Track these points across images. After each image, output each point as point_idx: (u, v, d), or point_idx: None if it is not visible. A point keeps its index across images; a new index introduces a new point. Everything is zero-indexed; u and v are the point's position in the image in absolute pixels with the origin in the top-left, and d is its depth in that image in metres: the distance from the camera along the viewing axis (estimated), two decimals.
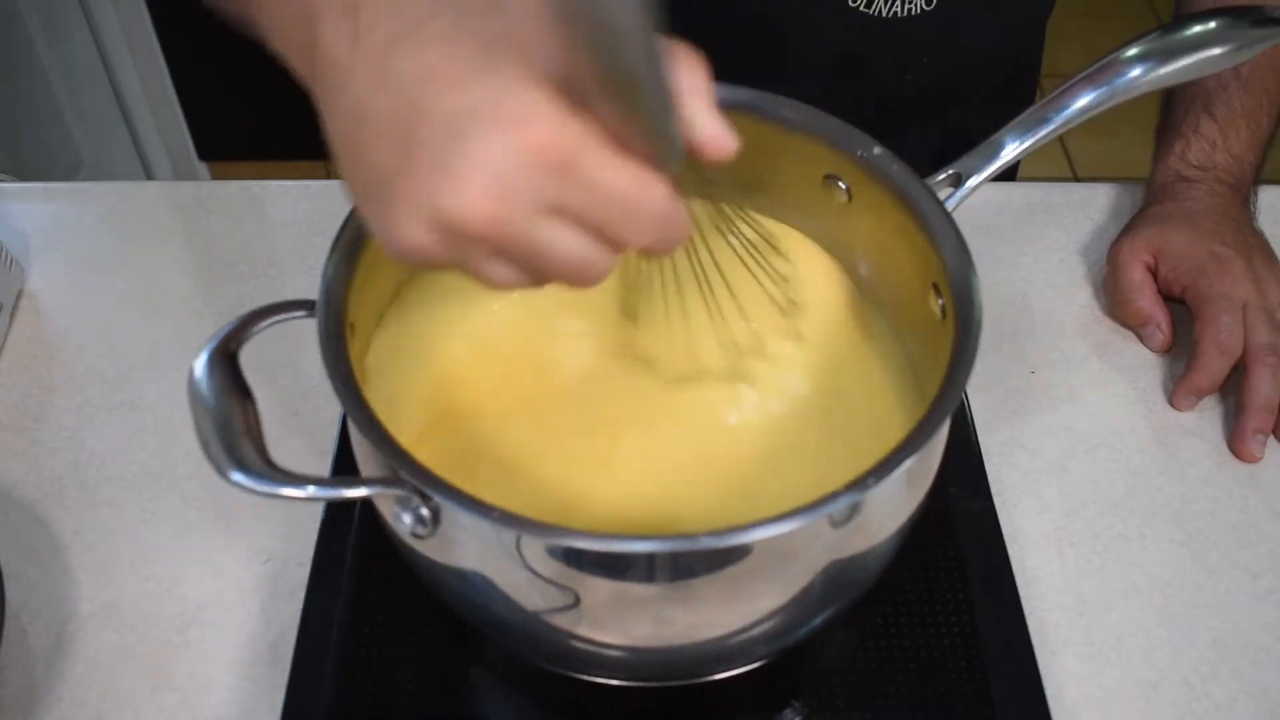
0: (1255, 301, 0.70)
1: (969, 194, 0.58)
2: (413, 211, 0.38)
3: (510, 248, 0.39)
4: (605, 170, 0.38)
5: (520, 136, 0.36)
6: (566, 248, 0.39)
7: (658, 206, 0.39)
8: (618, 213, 0.38)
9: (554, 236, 0.38)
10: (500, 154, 0.36)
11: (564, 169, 0.37)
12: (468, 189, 0.37)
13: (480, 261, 0.40)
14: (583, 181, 0.37)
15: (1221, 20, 0.62)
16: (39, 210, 0.83)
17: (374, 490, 0.45)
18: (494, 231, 0.38)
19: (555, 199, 0.37)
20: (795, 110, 0.57)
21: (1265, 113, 0.78)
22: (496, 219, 0.37)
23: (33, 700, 0.58)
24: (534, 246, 0.39)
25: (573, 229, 0.39)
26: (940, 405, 0.47)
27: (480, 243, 0.38)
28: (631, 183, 0.38)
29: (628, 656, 0.51)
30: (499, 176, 0.37)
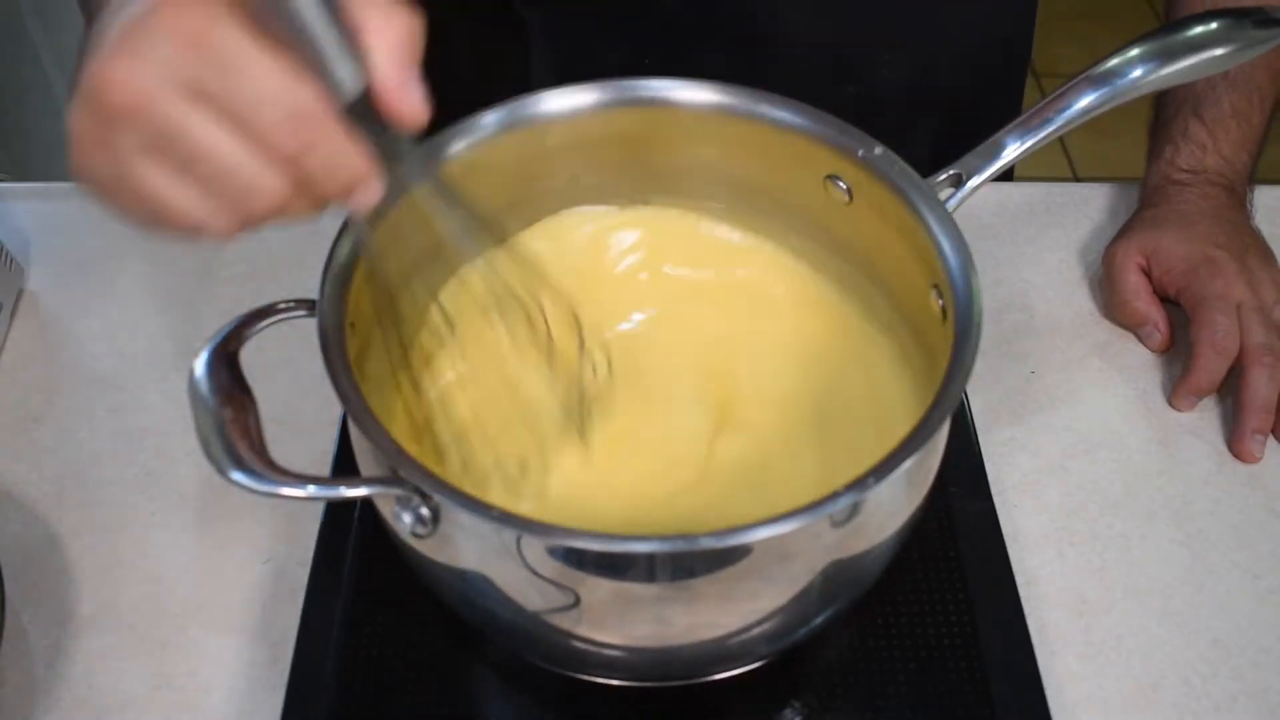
0: (1250, 301, 0.70)
1: (970, 194, 0.58)
2: (75, 101, 0.39)
3: (153, 129, 0.38)
4: (249, 60, 0.37)
5: (174, 21, 0.37)
6: (211, 137, 0.38)
7: (302, 106, 0.38)
8: (254, 97, 0.38)
9: (196, 121, 0.38)
10: (150, 34, 0.37)
11: (206, 50, 0.37)
12: (113, 63, 0.38)
13: (135, 160, 0.39)
14: (224, 65, 0.37)
15: (1223, 21, 0.62)
16: (39, 210, 0.83)
17: (374, 490, 0.45)
18: (133, 104, 0.37)
19: (194, 78, 0.37)
20: (795, 111, 0.57)
21: (1257, 110, 0.77)
22: (134, 89, 0.37)
23: (33, 700, 0.58)
24: (176, 128, 0.38)
25: (218, 120, 0.38)
26: (940, 405, 0.47)
27: (125, 122, 0.38)
28: (276, 78, 0.38)
29: (628, 656, 0.51)
30: (141, 51, 0.37)
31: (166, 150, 0.38)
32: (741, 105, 0.58)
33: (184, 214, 0.40)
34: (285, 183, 0.39)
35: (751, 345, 0.63)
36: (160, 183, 0.39)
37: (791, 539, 0.44)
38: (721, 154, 0.60)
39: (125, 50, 0.38)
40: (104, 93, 0.38)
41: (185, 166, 0.39)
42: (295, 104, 0.38)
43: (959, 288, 0.51)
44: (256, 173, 0.39)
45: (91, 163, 0.40)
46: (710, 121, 0.59)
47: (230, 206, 0.40)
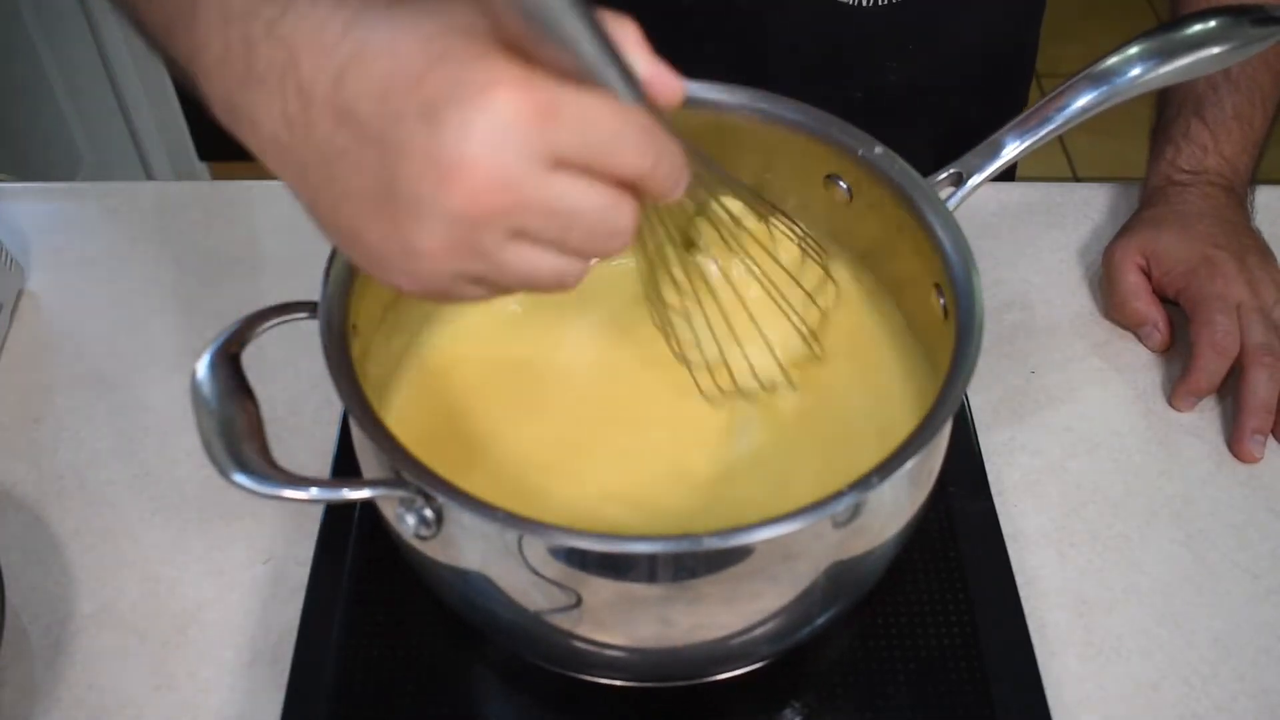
0: (1250, 302, 0.70)
1: (970, 193, 0.58)
2: (418, 223, 0.37)
3: (527, 217, 0.37)
4: (585, 102, 0.37)
5: (495, 101, 0.35)
6: (581, 200, 0.38)
7: (643, 125, 0.38)
8: (612, 139, 0.37)
9: (566, 189, 0.37)
10: (484, 124, 0.35)
11: (548, 114, 0.36)
12: (466, 171, 0.36)
13: (502, 250, 0.38)
14: (571, 119, 0.36)
15: (1222, 19, 0.62)
16: (39, 210, 0.83)
17: (377, 492, 0.45)
18: (507, 202, 0.36)
19: (552, 144, 0.36)
20: (796, 110, 0.57)
21: (1259, 111, 0.77)
22: (506, 186, 0.36)
23: (33, 700, 0.58)
24: (550, 205, 0.37)
25: (582, 178, 0.37)
26: (942, 405, 0.47)
27: (496, 222, 0.37)
28: (611, 109, 0.37)
29: (629, 657, 0.51)
30: (492, 146, 0.35)
31: (537, 230, 0.38)
32: (742, 104, 0.58)
33: (549, 278, 0.40)
34: (636, 209, 0.39)
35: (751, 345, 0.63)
36: (529, 261, 0.39)
37: (794, 539, 0.44)
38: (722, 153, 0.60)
39: (478, 150, 0.35)
40: (473, 200, 0.36)
41: (559, 237, 0.38)
42: (638, 127, 0.38)
43: (960, 287, 0.51)
44: (622, 214, 0.39)
45: (448, 272, 0.38)
46: (710, 121, 0.59)
47: (593, 254, 0.40)
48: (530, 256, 0.39)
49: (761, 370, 0.58)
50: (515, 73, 0.36)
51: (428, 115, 0.36)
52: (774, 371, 0.58)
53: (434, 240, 0.37)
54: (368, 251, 0.40)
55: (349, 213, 0.39)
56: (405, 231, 0.37)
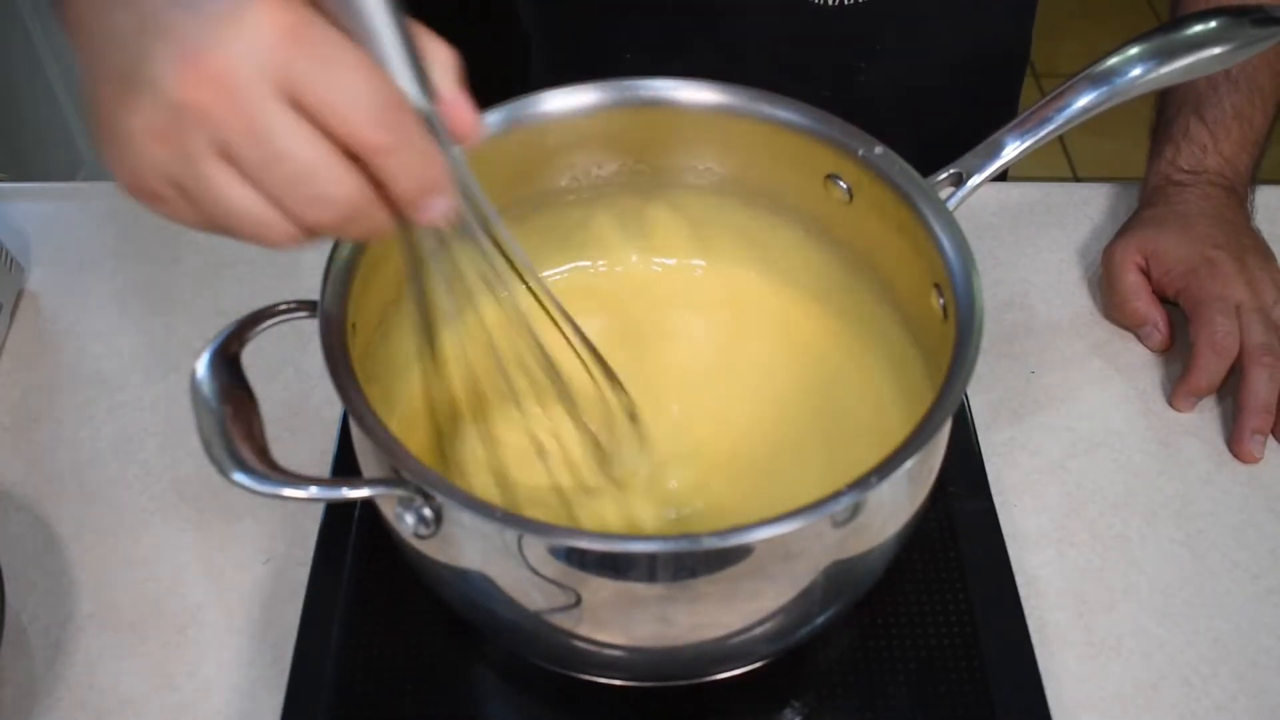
0: (1249, 302, 0.70)
1: (970, 193, 0.58)
2: (139, 96, 0.37)
3: (235, 133, 0.36)
4: (345, 54, 0.37)
5: (255, 7, 0.36)
6: (294, 140, 0.36)
7: (393, 101, 0.37)
8: (349, 94, 0.36)
9: (284, 122, 0.36)
10: (232, 24, 0.36)
11: (297, 39, 0.36)
12: (196, 61, 0.36)
13: (204, 160, 0.37)
14: (317, 55, 0.36)
15: (1222, 19, 0.62)
16: (39, 210, 0.83)
17: (376, 490, 0.45)
18: (219, 104, 0.36)
19: (288, 71, 0.36)
20: (796, 110, 0.57)
21: (1259, 111, 0.77)
22: (223, 87, 0.36)
23: (33, 700, 0.58)
24: (260, 130, 0.36)
25: (305, 124, 0.37)
26: (942, 404, 0.47)
27: (205, 122, 0.36)
28: (371, 73, 0.37)
29: (629, 656, 0.51)
30: (228, 45, 0.36)
31: (242, 151, 0.37)
32: (742, 105, 0.58)
33: (247, 219, 0.38)
34: (359, 189, 0.38)
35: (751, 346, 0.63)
36: (227, 186, 0.38)
37: (793, 539, 0.44)
38: (722, 154, 0.61)
39: (215, 44, 0.36)
40: (189, 88, 0.36)
41: (260, 169, 0.37)
42: (388, 100, 0.37)
43: (960, 287, 0.51)
44: (333, 179, 0.37)
45: (152, 163, 0.38)
46: (710, 121, 0.59)
47: (299, 213, 0.38)
48: (230, 184, 0.37)
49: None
50: (292, 7, 0.36)
51: (195, 6, 0.36)
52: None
53: (146, 119, 0.37)
54: (99, 127, 0.39)
55: (98, 91, 0.39)
56: (127, 105, 0.37)
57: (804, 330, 0.63)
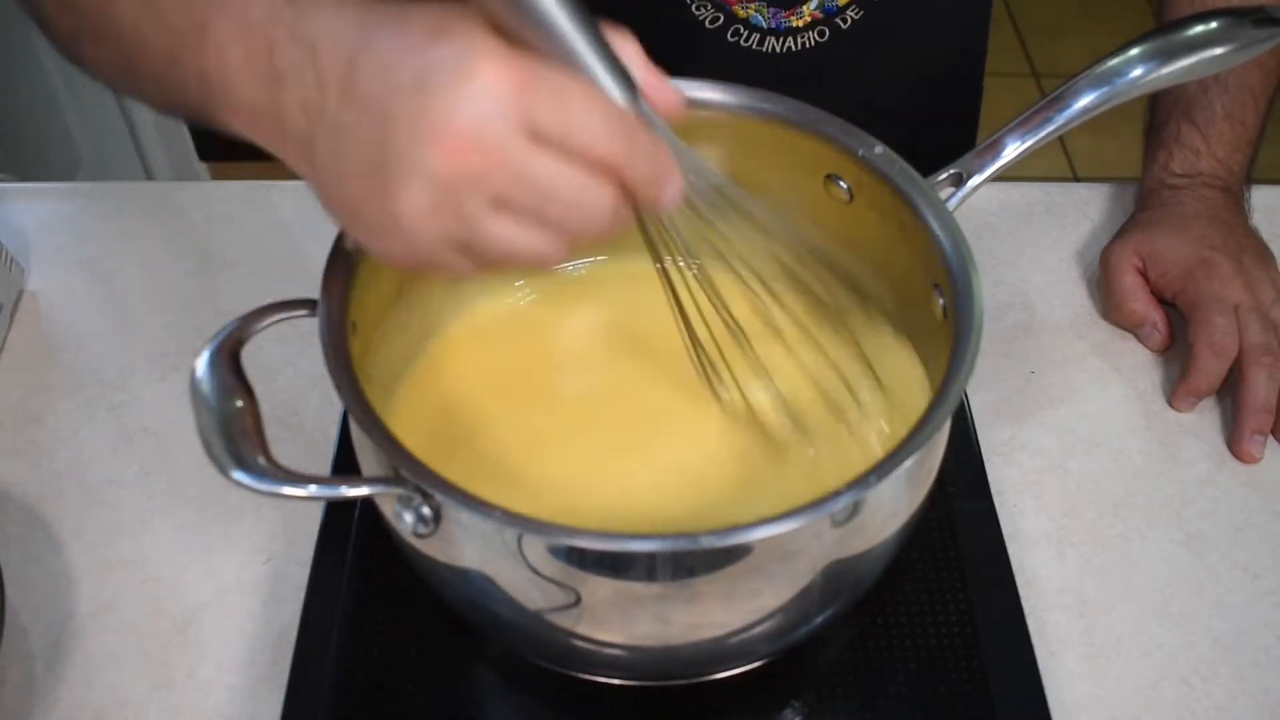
0: (1247, 302, 0.70)
1: (970, 194, 0.58)
2: (405, 184, 0.39)
3: (506, 184, 0.39)
4: (563, 83, 0.39)
5: (481, 71, 0.38)
6: (558, 175, 0.39)
7: (619, 116, 0.40)
8: (585, 118, 0.39)
9: (544, 161, 0.39)
10: (468, 92, 0.38)
11: (527, 87, 0.38)
12: (449, 134, 0.38)
13: (483, 217, 0.40)
14: (548, 94, 0.39)
15: (1224, 20, 0.62)
16: (39, 210, 0.83)
17: (376, 489, 0.45)
18: (486, 165, 0.38)
19: (531, 115, 0.38)
20: (797, 110, 0.57)
21: (1250, 110, 0.77)
22: (485, 149, 0.38)
23: (32, 700, 0.58)
24: (528, 175, 0.39)
25: (559, 154, 0.39)
26: (941, 404, 0.47)
27: (476, 185, 0.39)
28: (587, 93, 0.40)
29: (628, 655, 0.51)
30: (473, 113, 0.38)
31: (517, 199, 0.40)
32: (743, 104, 0.58)
33: (530, 253, 0.41)
34: (614, 198, 0.41)
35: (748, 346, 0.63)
36: (509, 233, 0.40)
37: (792, 538, 0.44)
38: (722, 153, 0.60)
39: (461, 114, 0.38)
40: (453, 161, 0.38)
41: (538, 210, 0.40)
42: (616, 114, 0.40)
43: (960, 286, 0.51)
44: (598, 196, 0.40)
45: (434, 238, 0.40)
46: (711, 121, 0.59)
47: (572, 234, 0.41)
48: (511, 228, 0.40)
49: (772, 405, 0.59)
50: (503, 50, 0.39)
51: (419, 86, 0.38)
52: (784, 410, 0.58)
53: (418, 201, 0.39)
54: (363, 221, 0.42)
55: (347, 186, 0.41)
56: (393, 194, 0.39)
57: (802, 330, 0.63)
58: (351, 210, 0.42)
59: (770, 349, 0.58)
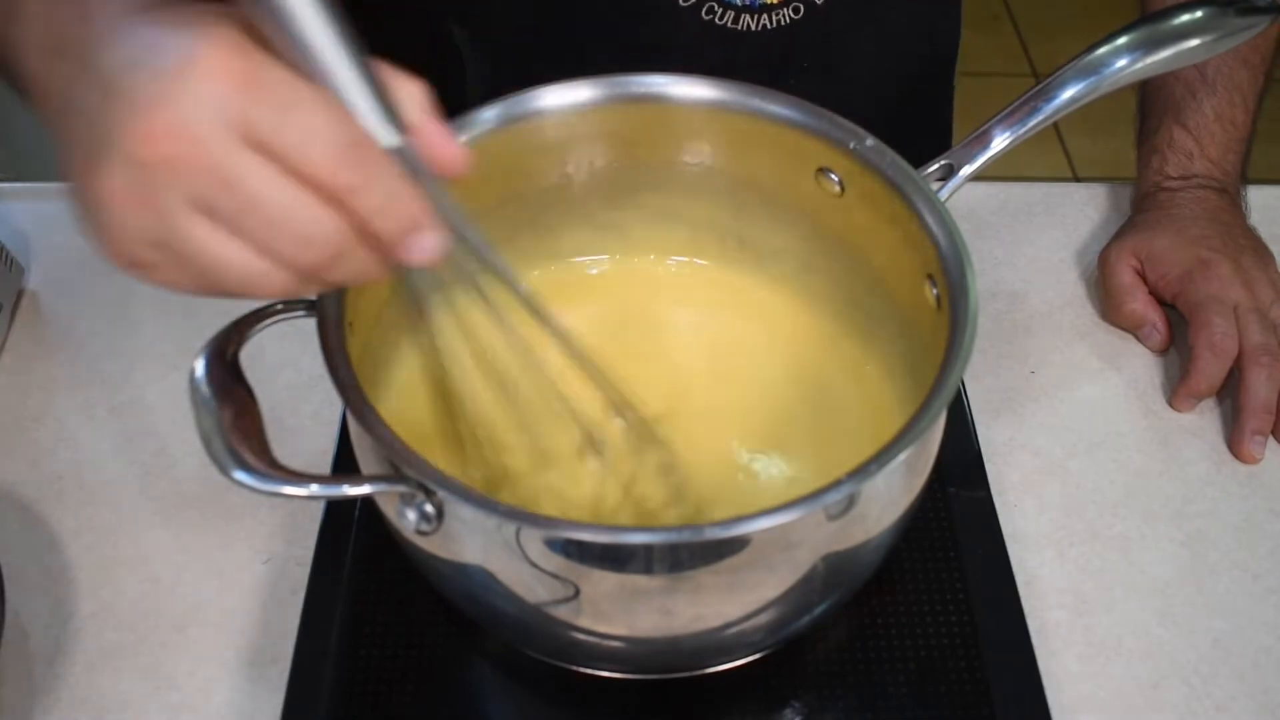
0: (1246, 302, 0.70)
1: (961, 185, 0.58)
2: (105, 162, 0.36)
3: (206, 185, 0.36)
4: (301, 97, 0.36)
5: (206, 57, 0.36)
6: (264, 184, 0.36)
7: (356, 140, 0.37)
8: (309, 134, 0.36)
9: (249, 167, 0.36)
10: (185, 76, 0.36)
11: (259, 90, 0.36)
12: (152, 117, 0.35)
13: (182, 216, 0.37)
14: (273, 97, 0.36)
15: (1208, 10, 0.63)
16: (39, 210, 0.83)
17: (377, 488, 0.45)
18: (184, 156, 0.36)
19: (247, 116, 0.36)
20: (786, 104, 0.57)
21: (1240, 109, 0.77)
22: (185, 139, 0.35)
23: (33, 700, 0.58)
24: (230, 179, 0.36)
25: (269, 166, 0.36)
26: (938, 393, 0.47)
27: (174, 178, 0.36)
28: (329, 114, 0.36)
29: (630, 648, 0.51)
30: (181, 100, 0.35)
31: (217, 202, 0.36)
32: (733, 99, 0.58)
33: (236, 271, 0.38)
34: (339, 229, 0.37)
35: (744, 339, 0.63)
36: (209, 240, 0.37)
37: (792, 529, 0.44)
38: (713, 148, 0.61)
39: (170, 98, 0.36)
40: (151, 144, 0.36)
41: (238, 218, 0.37)
42: (350, 138, 0.37)
43: (953, 275, 0.51)
44: (311, 219, 0.37)
45: (130, 227, 0.37)
46: (702, 116, 0.59)
47: (285, 259, 0.38)
48: (212, 237, 0.37)
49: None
50: (239, 42, 0.36)
51: (141, 65, 0.36)
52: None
53: (113, 183, 0.37)
54: (76, 205, 0.39)
55: (72, 167, 0.39)
56: (94, 172, 0.37)
57: (796, 324, 0.64)
58: (71, 189, 0.39)
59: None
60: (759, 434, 0.60)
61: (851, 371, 0.61)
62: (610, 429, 0.57)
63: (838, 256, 0.62)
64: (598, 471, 0.57)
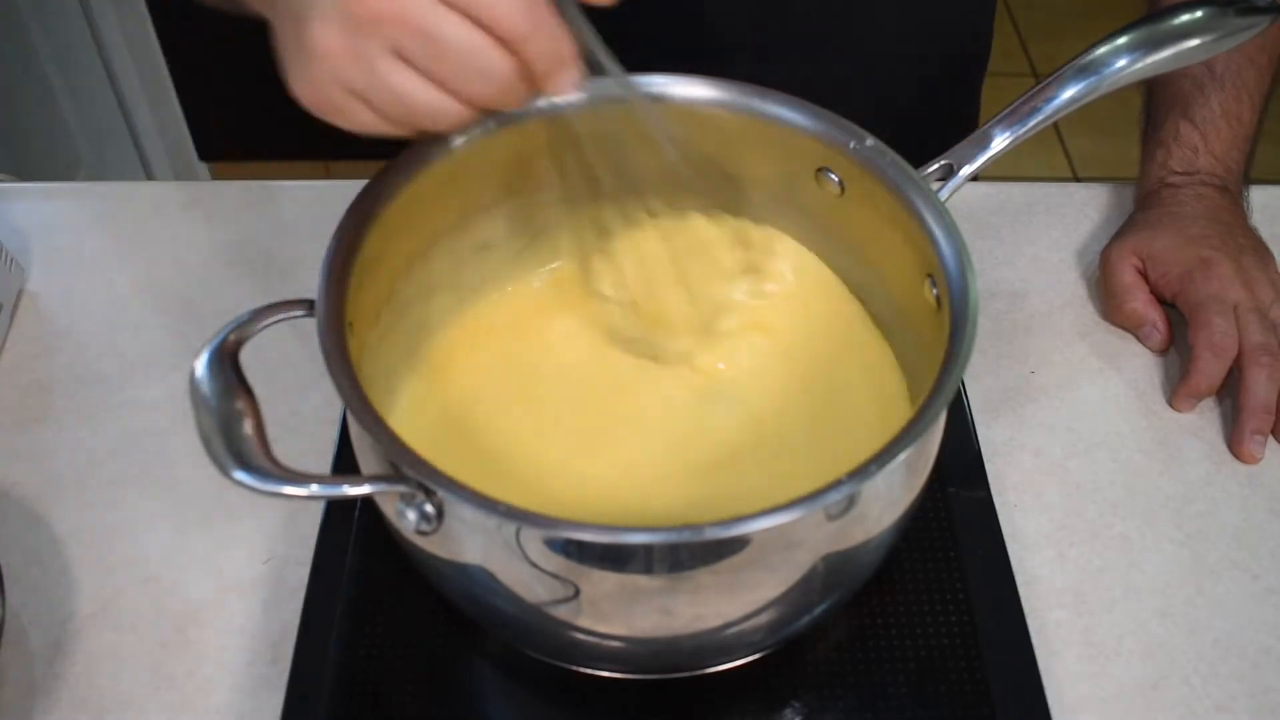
0: (1246, 302, 0.70)
1: (961, 184, 0.58)
2: (317, 19, 0.44)
3: (405, 34, 0.43)
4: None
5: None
6: (456, 31, 0.44)
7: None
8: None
9: (444, 18, 0.43)
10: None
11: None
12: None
13: (381, 62, 0.44)
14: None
15: (1208, 9, 0.63)
16: (39, 210, 0.83)
17: (378, 487, 0.45)
18: (390, 11, 0.43)
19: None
20: (786, 104, 0.57)
21: (1247, 108, 0.77)
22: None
23: (33, 700, 0.58)
24: (427, 28, 0.43)
25: (462, 18, 0.43)
26: (938, 393, 0.47)
27: (379, 29, 0.43)
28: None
29: (630, 648, 0.51)
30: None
31: (415, 49, 0.44)
32: (733, 99, 0.58)
33: (425, 106, 0.45)
34: (512, 66, 0.45)
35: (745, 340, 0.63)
36: (405, 81, 0.45)
37: (792, 529, 0.44)
38: (713, 149, 0.61)
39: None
40: (362, 3, 0.43)
41: (433, 61, 0.44)
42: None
43: (953, 275, 0.51)
44: (492, 60, 0.44)
45: (333, 74, 0.45)
46: (702, 116, 0.59)
47: (466, 95, 0.45)
48: (406, 77, 0.45)
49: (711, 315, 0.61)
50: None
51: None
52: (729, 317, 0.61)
53: (324, 39, 0.44)
54: (285, 58, 0.47)
55: (282, 30, 0.47)
56: (304, 31, 0.45)
57: (797, 324, 0.63)
58: (281, 49, 0.47)
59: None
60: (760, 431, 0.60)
61: (851, 371, 0.61)
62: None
63: (838, 255, 0.62)
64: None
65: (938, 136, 0.61)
